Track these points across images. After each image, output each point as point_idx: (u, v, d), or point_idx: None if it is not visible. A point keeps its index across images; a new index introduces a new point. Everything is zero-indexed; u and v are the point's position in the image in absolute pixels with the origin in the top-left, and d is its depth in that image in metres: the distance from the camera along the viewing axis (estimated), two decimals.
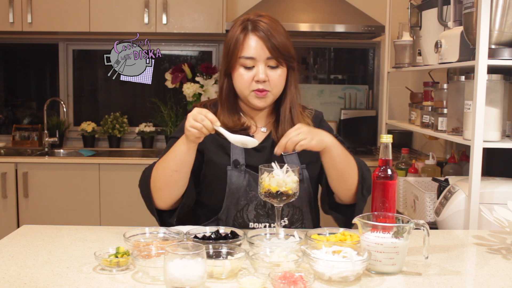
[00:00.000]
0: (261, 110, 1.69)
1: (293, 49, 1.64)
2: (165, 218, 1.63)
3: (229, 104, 1.67)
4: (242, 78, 1.60)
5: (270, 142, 1.68)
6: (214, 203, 1.66)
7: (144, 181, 1.60)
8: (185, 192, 1.59)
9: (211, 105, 1.72)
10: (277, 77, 1.60)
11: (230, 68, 1.63)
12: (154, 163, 1.61)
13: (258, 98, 1.60)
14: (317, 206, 1.79)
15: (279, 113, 1.68)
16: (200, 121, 1.42)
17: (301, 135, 1.45)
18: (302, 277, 1.14)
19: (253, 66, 1.59)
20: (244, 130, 1.65)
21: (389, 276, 1.27)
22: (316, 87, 4.11)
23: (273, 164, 1.44)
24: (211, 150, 1.66)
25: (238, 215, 1.64)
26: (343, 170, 1.57)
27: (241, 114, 1.69)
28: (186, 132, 1.46)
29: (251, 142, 1.48)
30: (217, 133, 1.48)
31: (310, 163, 1.68)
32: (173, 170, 1.52)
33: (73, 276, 1.23)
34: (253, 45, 1.58)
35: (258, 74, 1.57)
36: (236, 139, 1.48)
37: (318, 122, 1.76)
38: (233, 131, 1.58)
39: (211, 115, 1.44)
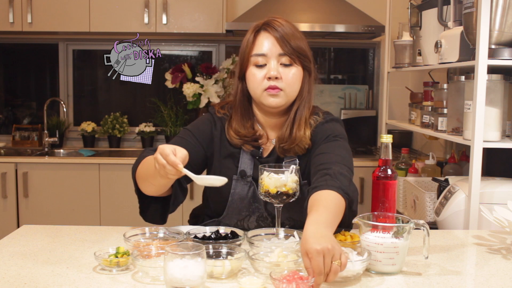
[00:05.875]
0: (274, 115, 1.62)
1: (309, 50, 1.60)
2: (155, 214, 1.56)
3: (243, 109, 1.62)
4: (255, 77, 1.55)
5: (275, 156, 1.63)
6: (217, 207, 1.66)
7: (133, 168, 1.54)
8: (172, 201, 1.53)
9: (229, 108, 1.67)
10: (291, 75, 1.55)
11: (243, 70, 1.59)
12: (148, 150, 1.54)
13: (271, 95, 1.54)
14: None
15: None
16: (162, 168, 1.28)
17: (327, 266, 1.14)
18: (302, 277, 1.13)
19: (266, 64, 1.55)
20: (255, 141, 1.61)
21: (389, 276, 1.27)
22: (316, 87, 4.08)
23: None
24: (219, 159, 1.64)
25: (239, 224, 1.64)
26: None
27: (255, 123, 1.65)
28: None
29: (218, 181, 1.34)
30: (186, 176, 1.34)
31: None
32: (152, 184, 1.46)
33: (73, 276, 1.23)
34: (264, 42, 1.55)
35: (270, 71, 1.53)
36: (203, 180, 1.36)
37: (319, 127, 1.63)
38: (245, 141, 1.59)
39: (172, 158, 1.27)
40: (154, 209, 1.56)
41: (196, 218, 1.82)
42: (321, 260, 1.10)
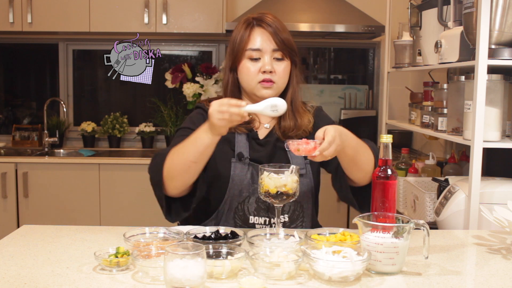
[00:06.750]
0: None
1: (294, 43, 1.70)
2: (177, 211, 1.62)
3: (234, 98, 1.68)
4: (249, 70, 1.65)
5: (274, 138, 1.72)
6: (217, 193, 1.67)
7: (156, 168, 1.55)
8: (197, 186, 1.58)
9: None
10: (282, 69, 1.66)
11: (236, 63, 1.68)
12: (167, 149, 1.57)
13: (265, 88, 1.64)
14: (318, 201, 1.80)
15: None
16: (226, 111, 1.37)
17: (332, 149, 1.40)
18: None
19: (259, 58, 1.65)
20: (248, 124, 1.69)
21: (389, 276, 1.27)
22: (316, 87, 4.11)
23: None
24: (216, 146, 1.66)
25: (239, 207, 1.66)
26: (355, 157, 1.54)
27: None
28: (215, 125, 1.41)
29: (280, 102, 1.41)
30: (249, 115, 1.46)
31: None
32: (192, 162, 1.50)
33: (73, 276, 1.23)
34: (259, 38, 1.66)
35: (265, 66, 1.64)
36: (265, 104, 1.41)
37: (319, 114, 1.79)
38: (238, 124, 1.60)
39: (233, 101, 1.38)
40: (176, 207, 1.62)
41: (185, 222, 1.82)
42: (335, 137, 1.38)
